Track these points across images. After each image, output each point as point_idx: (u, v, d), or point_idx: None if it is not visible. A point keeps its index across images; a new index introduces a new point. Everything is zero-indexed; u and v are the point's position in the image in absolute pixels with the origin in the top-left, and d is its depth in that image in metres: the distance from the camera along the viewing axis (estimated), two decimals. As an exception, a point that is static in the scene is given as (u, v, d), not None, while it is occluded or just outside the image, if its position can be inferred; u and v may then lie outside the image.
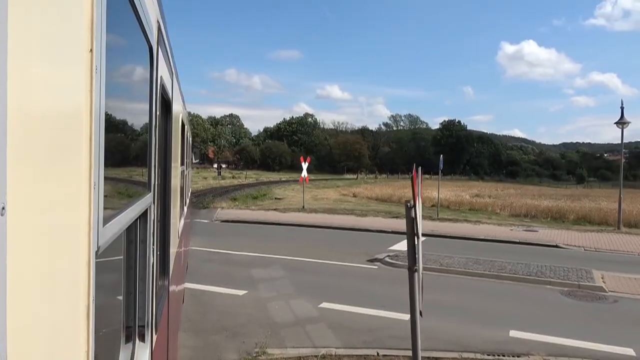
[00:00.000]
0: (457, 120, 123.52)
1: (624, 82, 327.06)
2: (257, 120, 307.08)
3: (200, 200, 28.49)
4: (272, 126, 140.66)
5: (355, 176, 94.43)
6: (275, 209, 24.43)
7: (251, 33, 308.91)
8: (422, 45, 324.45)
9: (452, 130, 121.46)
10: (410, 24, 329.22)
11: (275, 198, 33.63)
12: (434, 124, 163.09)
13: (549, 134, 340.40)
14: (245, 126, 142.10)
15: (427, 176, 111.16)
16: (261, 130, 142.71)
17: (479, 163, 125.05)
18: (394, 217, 21.68)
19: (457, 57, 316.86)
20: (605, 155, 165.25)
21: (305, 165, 24.78)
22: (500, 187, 71.94)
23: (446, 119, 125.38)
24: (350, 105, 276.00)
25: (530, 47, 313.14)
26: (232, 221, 20.09)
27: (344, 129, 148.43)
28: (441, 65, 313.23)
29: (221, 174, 56.30)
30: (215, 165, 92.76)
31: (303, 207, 25.06)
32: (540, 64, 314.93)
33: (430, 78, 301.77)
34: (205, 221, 20.24)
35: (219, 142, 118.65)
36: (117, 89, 1.39)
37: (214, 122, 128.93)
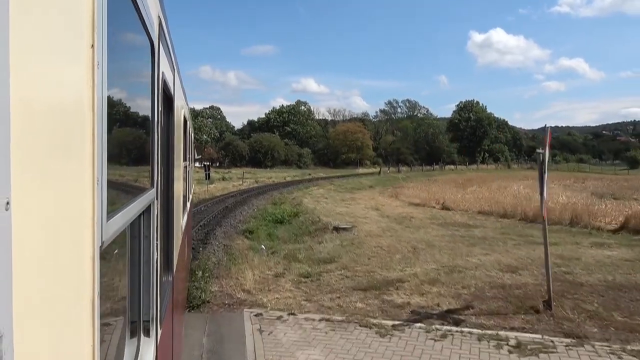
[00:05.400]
0: (475, 101, 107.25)
1: (591, 66, 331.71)
2: (235, 116, 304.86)
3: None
4: (255, 119, 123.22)
5: (376, 170, 77.57)
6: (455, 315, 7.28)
7: (224, 29, 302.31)
8: (395, 36, 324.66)
9: (471, 113, 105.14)
10: (382, 17, 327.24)
11: (338, 228, 16.43)
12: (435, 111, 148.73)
13: (525, 119, 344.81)
14: (227, 119, 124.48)
15: (451, 167, 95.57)
16: (241, 125, 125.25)
17: (499, 149, 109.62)
18: None
19: (430, 47, 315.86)
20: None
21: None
22: (567, 177, 56.32)
23: (463, 101, 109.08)
24: (327, 99, 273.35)
25: (498, 35, 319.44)
26: None
27: (341, 118, 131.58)
28: (415, 56, 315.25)
29: (210, 176, 39.12)
30: (197, 164, 75.89)
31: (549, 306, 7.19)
32: (509, 51, 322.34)
33: (405, 69, 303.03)
34: None
35: (200, 137, 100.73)
36: (119, 85, 1.38)
37: (194, 114, 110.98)
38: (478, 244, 13.78)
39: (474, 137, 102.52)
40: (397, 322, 6.90)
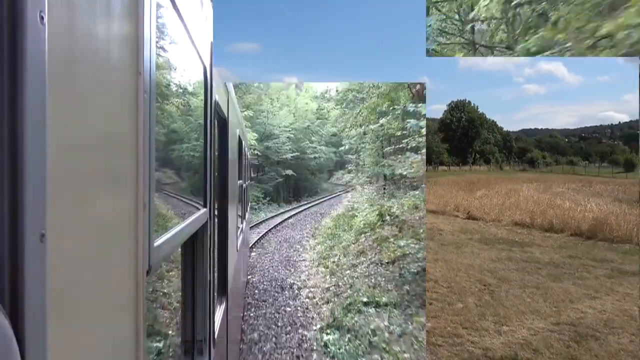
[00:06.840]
0: (467, 101, 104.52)
1: (569, 70, 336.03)
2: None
3: None
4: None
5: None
6: None
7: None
8: (378, 36, 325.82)
9: (463, 113, 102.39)
10: (367, 15, 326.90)
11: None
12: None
13: (505, 121, 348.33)
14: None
15: (444, 168, 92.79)
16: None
17: (490, 151, 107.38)
18: None
19: (412, 48, 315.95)
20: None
21: None
22: (571, 180, 53.82)
23: (454, 100, 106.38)
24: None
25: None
26: None
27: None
28: (397, 56, 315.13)
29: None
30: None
31: None
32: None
33: (388, 68, 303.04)
34: None
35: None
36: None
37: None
38: (559, 276, 10.35)
39: (465, 137, 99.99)
40: None
